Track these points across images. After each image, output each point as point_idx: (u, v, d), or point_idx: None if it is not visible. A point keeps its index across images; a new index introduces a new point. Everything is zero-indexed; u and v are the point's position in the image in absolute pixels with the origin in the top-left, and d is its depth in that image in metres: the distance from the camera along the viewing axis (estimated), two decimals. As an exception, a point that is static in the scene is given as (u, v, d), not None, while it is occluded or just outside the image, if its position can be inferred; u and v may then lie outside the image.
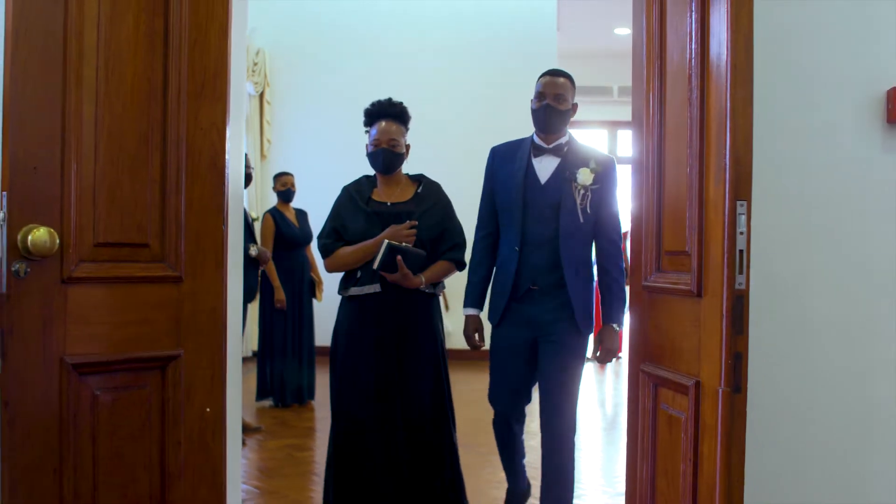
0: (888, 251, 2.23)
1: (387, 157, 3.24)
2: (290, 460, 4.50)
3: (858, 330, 2.23)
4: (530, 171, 3.09)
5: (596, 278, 3.18)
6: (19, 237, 1.93)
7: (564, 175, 3.03)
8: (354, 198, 3.30)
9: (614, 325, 3.10)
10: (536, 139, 3.13)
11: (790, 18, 2.25)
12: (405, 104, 3.36)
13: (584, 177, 2.99)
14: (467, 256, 3.28)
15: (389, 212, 3.25)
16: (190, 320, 2.22)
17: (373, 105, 3.34)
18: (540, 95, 3.07)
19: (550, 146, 3.09)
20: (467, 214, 3.41)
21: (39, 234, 1.93)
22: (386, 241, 3.08)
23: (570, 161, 3.05)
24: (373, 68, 8.28)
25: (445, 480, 3.24)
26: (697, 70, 1.91)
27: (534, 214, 3.05)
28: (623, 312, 3.05)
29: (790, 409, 2.20)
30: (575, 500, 3.15)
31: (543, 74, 3.13)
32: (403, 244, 3.12)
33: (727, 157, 1.69)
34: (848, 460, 2.23)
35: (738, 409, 1.70)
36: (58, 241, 1.97)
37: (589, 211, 3.00)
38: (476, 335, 3.21)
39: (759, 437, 2.02)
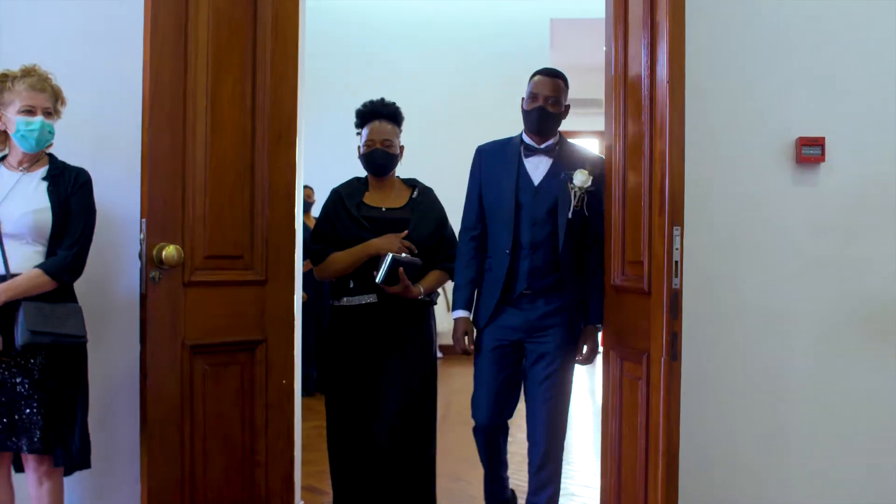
0: (796, 260, 2.98)
1: (381, 157, 3.12)
2: (321, 438, 5.19)
3: (769, 318, 2.98)
4: (522, 173, 3.00)
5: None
6: (154, 252, 2.64)
7: (559, 176, 2.94)
8: (345, 202, 3.14)
9: (597, 326, 3.01)
10: (527, 139, 3.03)
11: (721, 76, 2.98)
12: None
13: (582, 179, 2.90)
14: None
15: (384, 218, 3.13)
16: (271, 314, 2.94)
17: (364, 105, 3.20)
18: (533, 97, 2.98)
19: (542, 146, 3.01)
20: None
21: (170, 250, 2.65)
22: (391, 254, 2.95)
23: (563, 162, 2.97)
24: (372, 86, 8.84)
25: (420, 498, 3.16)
26: (648, 95, 2.59)
27: (528, 217, 2.96)
28: (602, 310, 3.00)
29: (714, 372, 2.96)
30: (565, 479, 3.39)
31: (536, 73, 3.03)
32: (405, 255, 3.01)
33: (667, 195, 2.42)
34: (758, 407, 3.00)
35: (675, 372, 2.42)
36: (182, 254, 2.69)
37: (586, 213, 2.92)
38: (466, 338, 3.05)
39: (691, 392, 2.73)
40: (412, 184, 3.27)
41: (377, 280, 2.96)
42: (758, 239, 3.00)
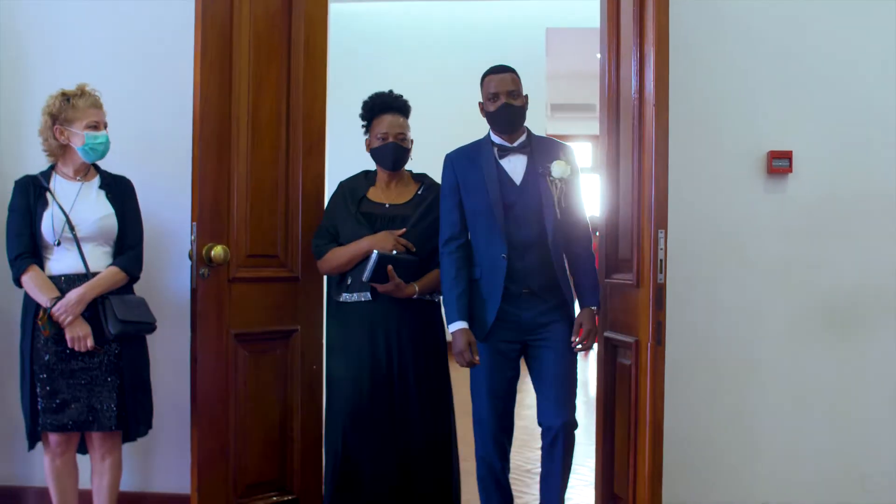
0: (767, 260, 3.36)
1: (397, 151, 3.07)
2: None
3: (742, 310, 3.36)
4: (502, 174, 2.96)
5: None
6: (204, 251, 3.00)
7: (538, 172, 2.94)
8: (347, 197, 3.11)
9: (592, 308, 3.00)
10: (497, 139, 2.99)
11: (700, 97, 3.34)
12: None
13: (561, 169, 2.90)
14: None
15: (385, 214, 3.07)
16: (303, 306, 3.31)
17: (373, 97, 3.14)
18: (493, 96, 2.94)
19: (515, 145, 2.98)
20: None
21: (218, 250, 3.01)
22: (376, 252, 2.88)
23: (538, 156, 2.96)
24: (365, 94, 9.20)
25: None
26: (637, 115, 2.95)
27: (516, 217, 2.92)
28: (598, 294, 3.03)
29: (694, 357, 3.33)
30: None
31: (488, 74, 3.00)
32: (394, 252, 2.94)
33: (653, 203, 2.80)
34: (732, 388, 3.38)
35: (659, 355, 2.79)
36: (229, 253, 3.05)
37: (563, 203, 2.93)
38: (469, 349, 2.89)
39: (674, 374, 3.08)
40: (421, 179, 3.20)
41: (364, 278, 2.92)
42: (733, 241, 3.36)
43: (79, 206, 2.90)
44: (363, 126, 3.15)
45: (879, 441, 3.35)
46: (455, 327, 2.92)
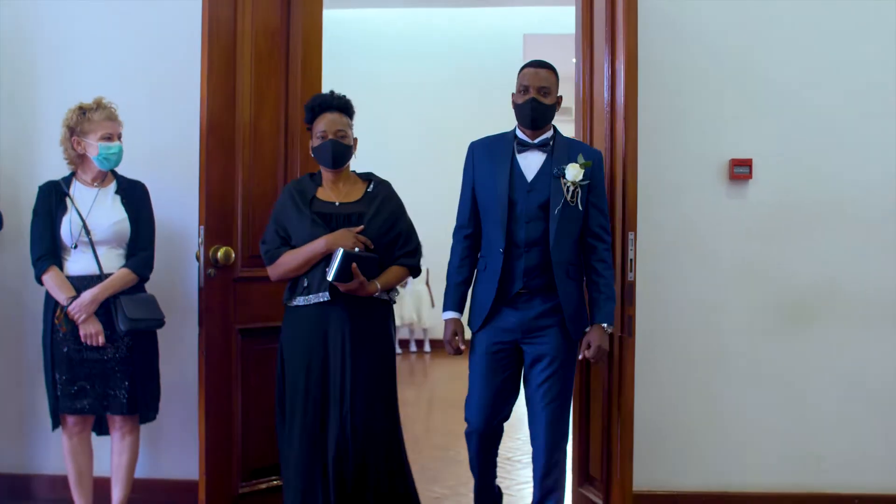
0: (729, 259, 3.65)
1: (336, 149, 2.97)
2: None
3: (706, 305, 3.65)
4: (515, 169, 2.92)
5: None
6: (211, 253, 3.24)
7: (552, 172, 2.89)
8: (296, 199, 3.01)
9: (604, 325, 2.91)
10: (520, 134, 2.96)
11: (666, 109, 3.61)
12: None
13: (574, 173, 2.85)
14: (423, 261, 3.16)
15: (338, 213, 2.99)
16: (301, 303, 3.55)
17: (313, 99, 3.10)
18: (524, 89, 2.91)
19: (535, 141, 2.94)
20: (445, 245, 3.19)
21: (224, 251, 3.25)
22: (342, 249, 2.82)
23: (557, 156, 2.91)
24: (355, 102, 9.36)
25: None
26: (609, 127, 3.24)
27: (521, 214, 2.88)
28: (612, 311, 2.93)
29: (661, 348, 3.60)
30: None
31: (526, 66, 2.96)
32: (357, 250, 2.88)
33: (623, 207, 3.07)
34: (696, 374, 3.66)
35: (629, 346, 3.07)
36: (234, 255, 3.29)
37: (580, 208, 2.88)
38: (456, 338, 2.97)
39: (642, 363, 3.34)
40: (368, 177, 3.13)
41: (329, 278, 2.84)
42: (697, 242, 3.65)
43: (95, 212, 3.13)
44: (308, 129, 3.08)
45: (833, 424, 3.65)
46: (446, 316, 3.01)
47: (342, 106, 3.07)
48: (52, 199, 3.14)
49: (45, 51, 3.79)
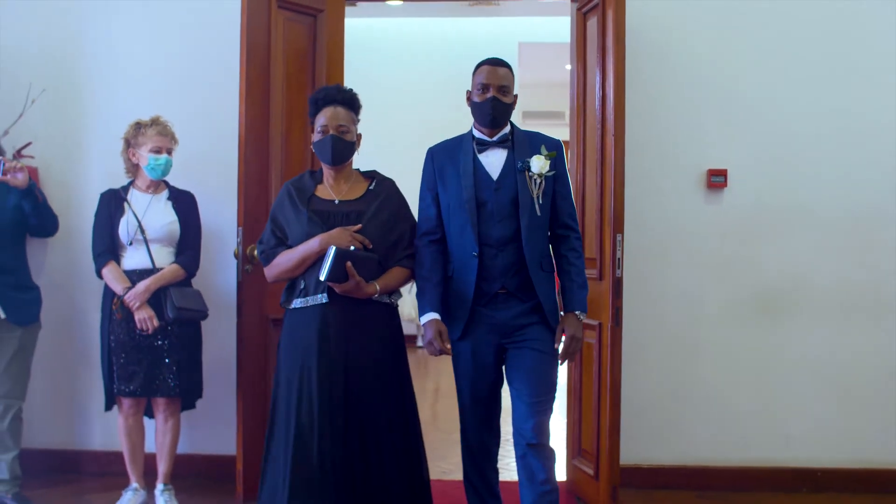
0: (707, 257, 4.06)
1: (336, 144, 2.83)
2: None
3: (686, 299, 4.07)
4: (479, 169, 2.84)
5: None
6: (248, 251, 3.64)
7: (517, 167, 2.81)
8: (294, 196, 2.88)
9: (577, 313, 2.83)
10: (478, 133, 2.88)
11: (650, 124, 4.02)
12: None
13: (540, 164, 2.79)
14: None
15: (337, 211, 2.84)
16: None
17: (318, 91, 2.97)
18: (483, 87, 2.81)
19: (495, 139, 2.86)
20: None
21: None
22: (334, 247, 2.65)
23: (519, 151, 2.84)
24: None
25: None
26: (600, 142, 3.65)
27: (491, 214, 2.80)
28: (584, 298, 2.86)
29: (646, 337, 4.00)
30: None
31: (482, 64, 2.86)
32: (353, 248, 2.72)
33: (612, 211, 3.50)
34: (677, 361, 4.06)
35: (618, 335, 3.49)
36: (268, 253, 3.70)
37: (542, 201, 2.81)
38: (439, 338, 2.79)
39: (629, 351, 3.75)
40: (371, 175, 3.00)
41: (322, 277, 2.69)
42: (678, 242, 4.07)
43: (149, 214, 3.54)
44: (310, 123, 2.96)
45: (799, 406, 4.06)
46: (425, 318, 2.83)
47: (347, 100, 2.92)
48: (112, 203, 3.55)
49: (93, 70, 4.19)
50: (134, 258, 3.53)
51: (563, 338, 2.84)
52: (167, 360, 3.51)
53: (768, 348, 4.08)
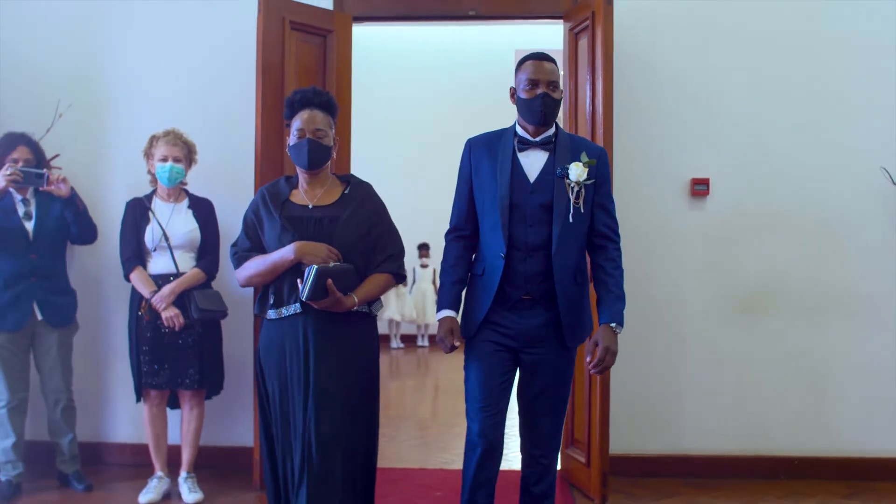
0: (691, 260, 4.33)
1: (312, 148, 2.75)
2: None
3: (672, 298, 4.34)
4: (517, 169, 2.71)
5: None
6: (264, 256, 3.93)
7: (556, 172, 2.69)
8: (268, 202, 2.80)
9: (612, 325, 2.70)
10: (521, 131, 2.75)
11: (636, 136, 4.31)
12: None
13: (577, 172, 2.66)
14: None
15: (311, 216, 2.75)
16: (335, 298, 4.23)
17: (294, 94, 2.87)
18: (532, 83, 2.67)
19: (538, 139, 2.73)
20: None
21: (275, 255, 3.94)
22: (315, 267, 2.58)
23: (560, 155, 2.71)
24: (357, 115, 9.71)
25: None
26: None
27: (523, 217, 2.69)
28: (622, 311, 2.73)
29: (635, 334, 4.19)
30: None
31: (528, 58, 2.72)
32: (332, 264, 2.64)
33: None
34: (663, 356, 4.32)
35: (607, 332, 3.78)
36: (283, 257, 3.98)
37: (583, 210, 2.69)
38: (451, 335, 2.74)
39: (620, 347, 3.99)
40: (347, 179, 2.92)
41: (303, 297, 2.62)
42: (664, 246, 4.34)
43: (172, 222, 3.81)
44: (286, 125, 2.90)
45: (777, 399, 4.33)
46: (441, 315, 2.80)
47: (324, 104, 2.85)
48: (137, 211, 3.82)
49: (114, 84, 4.45)
50: (159, 263, 3.80)
51: (597, 350, 2.70)
52: (190, 356, 3.78)
53: (748, 344, 4.33)
